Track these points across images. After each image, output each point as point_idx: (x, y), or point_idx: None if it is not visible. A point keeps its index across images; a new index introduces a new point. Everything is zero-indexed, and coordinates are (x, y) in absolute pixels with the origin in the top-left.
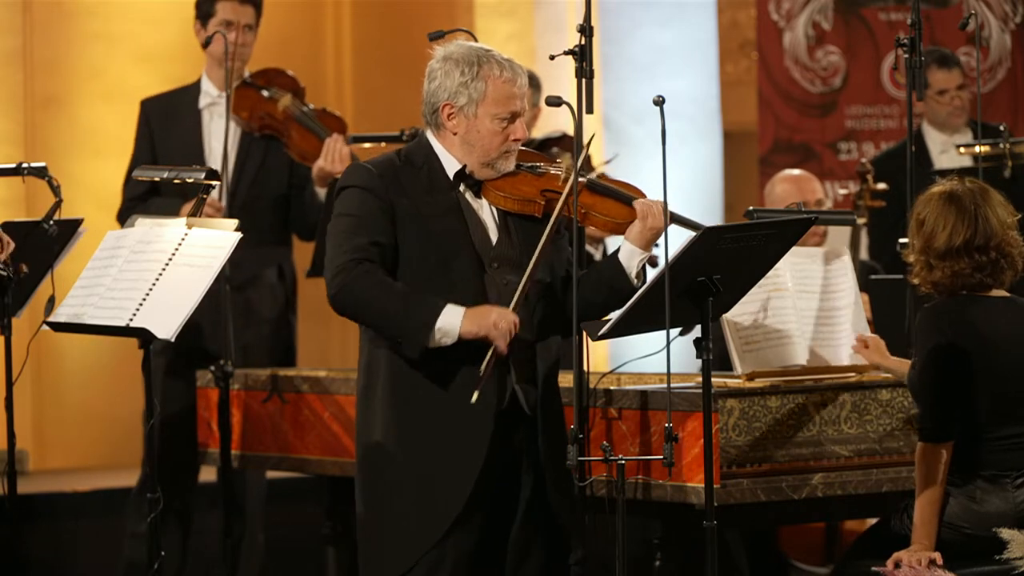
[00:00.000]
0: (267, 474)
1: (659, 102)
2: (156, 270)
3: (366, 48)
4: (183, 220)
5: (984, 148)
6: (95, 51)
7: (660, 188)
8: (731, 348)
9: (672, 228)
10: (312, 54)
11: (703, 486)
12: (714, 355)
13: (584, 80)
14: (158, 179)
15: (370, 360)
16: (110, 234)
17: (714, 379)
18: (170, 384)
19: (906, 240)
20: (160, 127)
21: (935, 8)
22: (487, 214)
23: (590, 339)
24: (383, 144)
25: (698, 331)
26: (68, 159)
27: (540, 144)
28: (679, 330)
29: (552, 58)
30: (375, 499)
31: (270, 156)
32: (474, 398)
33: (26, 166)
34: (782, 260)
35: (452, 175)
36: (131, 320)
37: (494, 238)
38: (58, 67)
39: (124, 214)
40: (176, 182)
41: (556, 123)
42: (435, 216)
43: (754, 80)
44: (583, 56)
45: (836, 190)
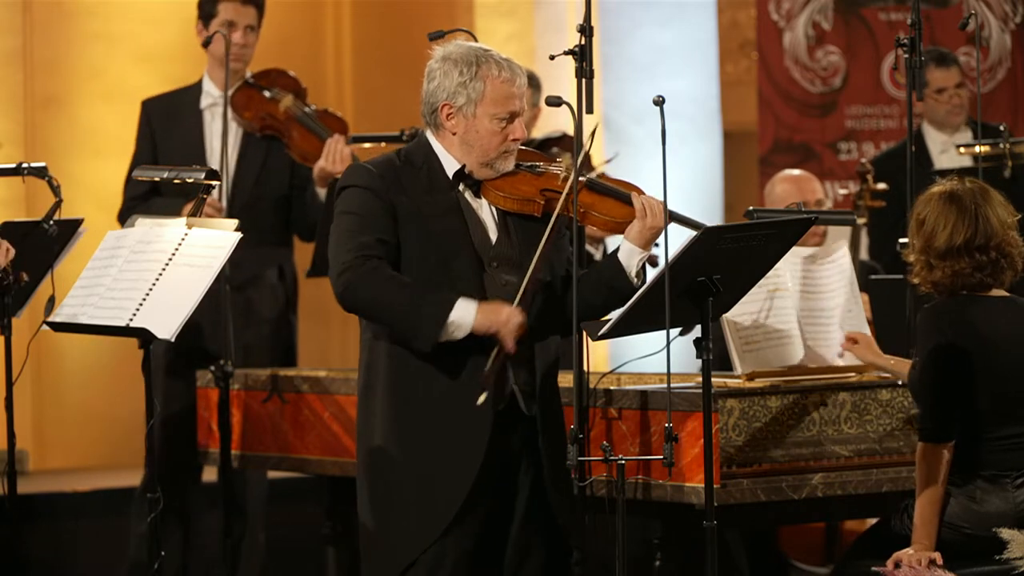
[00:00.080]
0: (267, 474)
1: (659, 102)
2: (156, 270)
3: (366, 48)
4: (183, 220)
5: (984, 148)
6: (95, 51)
7: (660, 188)
8: (731, 348)
9: (672, 227)
10: (312, 54)
11: (703, 486)
12: (714, 355)
13: (584, 80)
14: (158, 179)
15: (371, 359)
16: (110, 234)
17: (714, 379)
18: (170, 384)
19: (906, 240)
20: (161, 127)
21: (935, 8)
22: (487, 214)
23: (590, 339)
24: (383, 144)
25: (698, 331)
26: (68, 159)
27: (540, 144)
28: (679, 330)
29: (552, 58)
30: (376, 498)
31: (271, 156)
32: (480, 399)
33: (26, 166)
34: (782, 260)
35: (451, 175)
36: (131, 320)
37: (494, 238)
38: (58, 67)
39: (125, 214)
40: (176, 182)
41: (556, 123)
42: (435, 216)
43: (754, 80)
44: (583, 56)
45: (836, 190)
